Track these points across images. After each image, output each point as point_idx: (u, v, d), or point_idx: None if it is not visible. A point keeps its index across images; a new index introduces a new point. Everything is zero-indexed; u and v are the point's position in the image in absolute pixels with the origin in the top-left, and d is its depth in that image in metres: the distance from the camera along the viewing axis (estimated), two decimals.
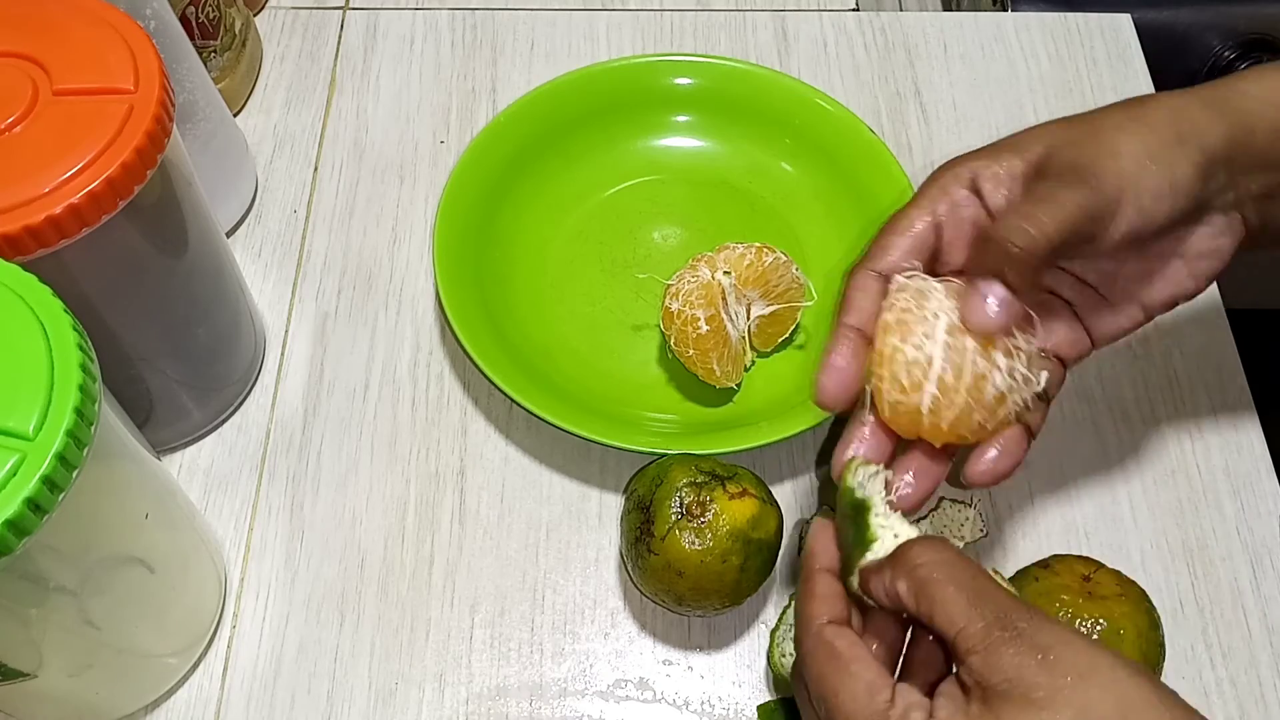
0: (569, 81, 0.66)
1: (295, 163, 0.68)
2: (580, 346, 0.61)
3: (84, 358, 0.38)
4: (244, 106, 0.70)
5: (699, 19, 0.75)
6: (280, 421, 0.59)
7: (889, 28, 0.75)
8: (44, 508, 0.35)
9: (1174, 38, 0.82)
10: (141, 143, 0.43)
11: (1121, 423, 0.59)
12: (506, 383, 0.55)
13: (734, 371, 0.57)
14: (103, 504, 0.42)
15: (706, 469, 0.50)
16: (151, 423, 0.56)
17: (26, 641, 0.42)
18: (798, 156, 0.66)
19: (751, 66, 0.67)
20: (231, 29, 0.67)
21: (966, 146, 0.45)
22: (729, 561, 0.48)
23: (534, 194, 0.65)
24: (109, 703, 0.50)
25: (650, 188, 0.67)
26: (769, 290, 0.57)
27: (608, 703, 0.52)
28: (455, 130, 0.70)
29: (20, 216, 0.41)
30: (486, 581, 0.55)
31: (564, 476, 0.58)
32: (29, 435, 0.36)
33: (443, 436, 0.59)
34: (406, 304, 0.63)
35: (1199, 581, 0.55)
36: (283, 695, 0.52)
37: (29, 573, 0.39)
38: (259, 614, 0.54)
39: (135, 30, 0.46)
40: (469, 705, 0.52)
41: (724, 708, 0.52)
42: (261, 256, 0.65)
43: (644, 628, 0.54)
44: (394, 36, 0.74)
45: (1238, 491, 0.57)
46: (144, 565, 0.46)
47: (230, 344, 0.58)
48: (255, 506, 0.57)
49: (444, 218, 0.60)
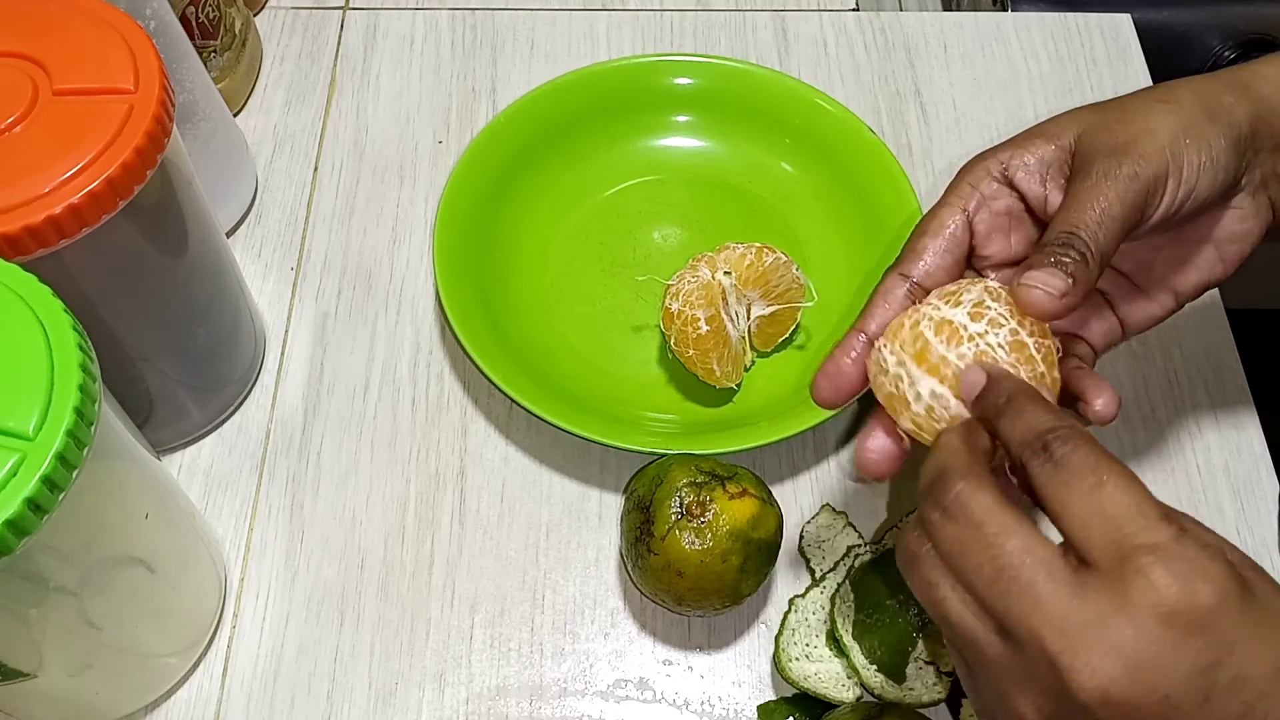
0: (569, 81, 0.66)
1: (295, 163, 0.68)
2: (580, 346, 0.61)
3: (84, 358, 0.38)
4: (244, 106, 0.70)
5: (699, 19, 0.75)
6: (280, 421, 0.59)
7: (889, 28, 0.75)
8: (44, 508, 0.35)
9: (1174, 38, 0.82)
10: (141, 143, 0.43)
11: (1121, 423, 0.59)
12: (506, 383, 0.55)
13: (734, 371, 0.57)
14: (103, 504, 0.42)
15: (706, 469, 0.50)
16: (151, 423, 0.56)
17: (26, 641, 0.42)
18: (798, 156, 0.66)
19: (751, 66, 0.67)
20: (231, 29, 0.67)
21: (966, 146, 0.45)
22: (729, 561, 0.48)
23: (534, 194, 0.65)
24: (109, 703, 0.50)
25: (650, 188, 0.67)
26: (769, 290, 0.57)
27: (608, 703, 0.52)
28: (455, 130, 0.70)
29: (20, 216, 0.41)
30: (486, 581, 0.55)
31: (564, 476, 0.58)
32: (29, 435, 0.36)
33: (443, 436, 0.59)
34: (406, 304, 0.63)
35: None
36: (283, 695, 0.52)
37: (29, 573, 0.39)
38: (259, 614, 0.54)
39: (135, 30, 0.46)
40: (469, 705, 0.52)
41: (724, 708, 0.52)
42: (261, 256, 0.65)
43: (644, 628, 0.54)
44: (394, 36, 0.74)
45: (1238, 491, 0.57)
46: (144, 565, 0.46)
47: (230, 344, 0.58)
48: (255, 506, 0.57)
49: (444, 218, 0.60)
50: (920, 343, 0.40)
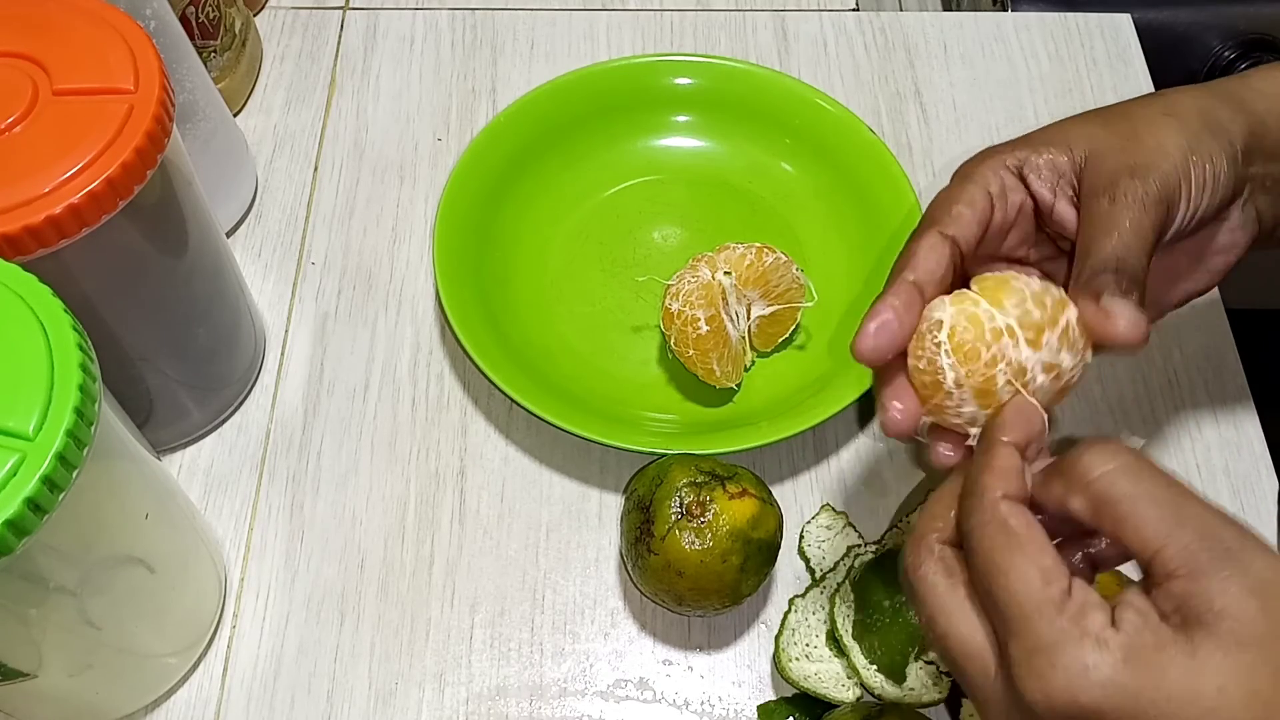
0: (569, 81, 0.66)
1: (295, 163, 0.68)
2: (580, 346, 0.61)
3: (84, 358, 0.38)
4: (244, 106, 0.70)
5: (699, 19, 0.75)
6: (280, 421, 0.59)
7: (889, 28, 0.75)
8: (44, 508, 0.35)
9: (1174, 38, 0.82)
10: (141, 143, 0.43)
11: (1122, 423, 0.59)
12: (506, 383, 0.55)
13: (734, 372, 0.57)
14: (103, 504, 0.42)
15: (706, 469, 0.50)
16: (151, 423, 0.56)
17: (26, 641, 0.42)
18: (798, 156, 0.66)
19: (751, 66, 0.67)
20: (231, 29, 0.67)
21: (966, 146, 0.45)
22: (729, 561, 0.48)
23: (534, 194, 0.65)
24: (109, 703, 0.50)
25: (650, 188, 0.67)
26: (769, 290, 0.57)
27: (608, 703, 0.52)
28: (455, 130, 0.70)
29: (20, 216, 0.41)
30: (486, 581, 0.55)
31: (564, 476, 0.58)
32: (29, 435, 0.36)
33: (443, 436, 0.59)
34: (406, 304, 0.63)
35: None
36: (283, 695, 0.52)
37: (29, 573, 0.39)
38: (259, 614, 0.54)
39: (135, 30, 0.46)
40: (469, 705, 0.52)
41: (724, 708, 0.52)
42: (261, 256, 0.65)
43: (644, 628, 0.54)
44: (394, 36, 0.74)
45: (1238, 491, 0.57)
46: (144, 565, 0.46)
47: (230, 344, 0.58)
48: (255, 506, 0.57)
49: (444, 218, 0.60)
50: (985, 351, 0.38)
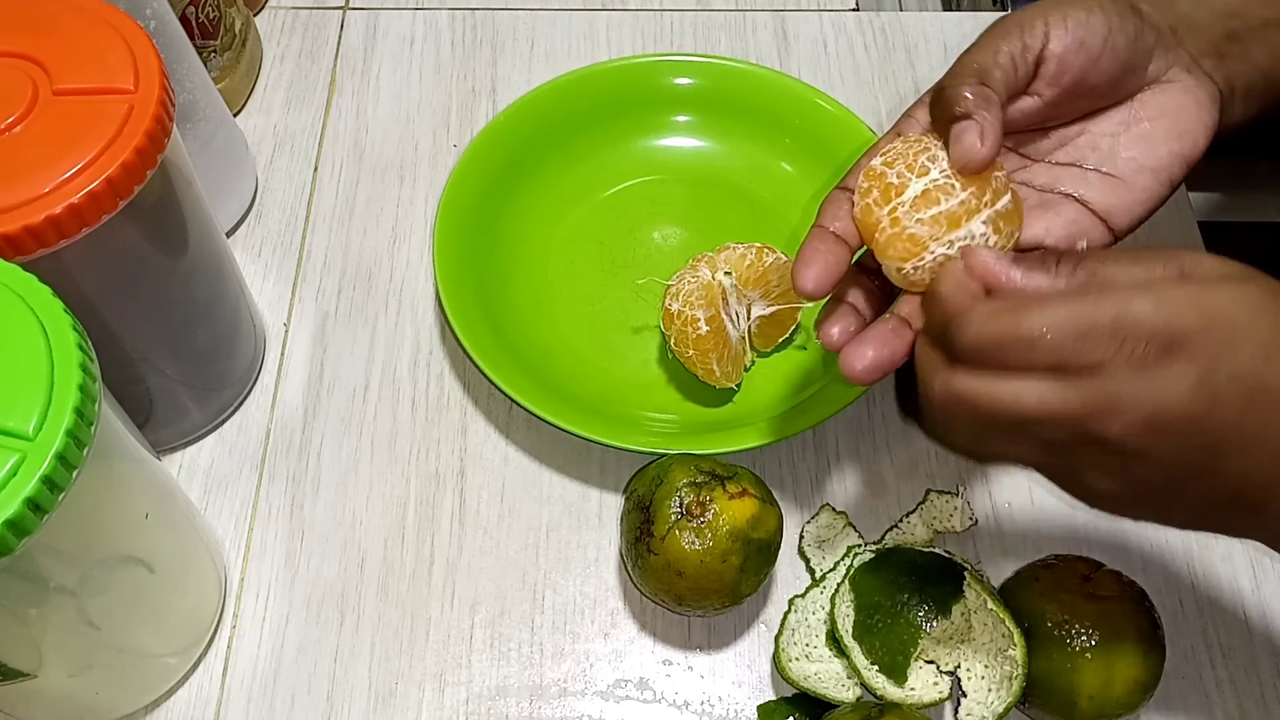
0: (569, 81, 0.66)
1: (295, 163, 0.68)
2: (580, 346, 0.61)
3: (84, 358, 0.38)
4: (244, 106, 0.70)
5: (699, 19, 0.75)
6: (280, 421, 0.59)
7: (889, 28, 0.75)
8: (44, 508, 0.35)
9: None
10: (141, 143, 0.43)
11: None
12: (506, 383, 0.55)
13: (734, 372, 0.57)
14: (103, 504, 0.42)
15: (706, 469, 0.50)
16: (151, 423, 0.56)
17: (26, 641, 0.42)
18: (798, 156, 0.66)
19: (751, 66, 0.67)
20: (231, 29, 0.67)
21: None
22: (729, 561, 0.48)
23: (534, 194, 0.65)
24: (109, 703, 0.50)
25: (650, 188, 0.67)
26: (769, 290, 0.57)
27: (608, 703, 0.52)
28: (455, 130, 0.70)
29: (20, 216, 0.41)
30: (486, 581, 0.55)
31: (564, 476, 0.58)
32: (29, 435, 0.36)
33: (443, 436, 0.59)
34: (406, 304, 0.63)
35: (1199, 581, 0.55)
36: (283, 695, 0.52)
37: (29, 573, 0.39)
38: (259, 614, 0.54)
39: (135, 30, 0.46)
40: (469, 705, 0.52)
41: (724, 708, 0.52)
42: (261, 256, 0.65)
43: (644, 628, 0.54)
44: (394, 36, 0.74)
45: None
46: (144, 565, 0.46)
47: (230, 344, 0.58)
48: (255, 506, 0.57)
49: (444, 218, 0.60)
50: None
